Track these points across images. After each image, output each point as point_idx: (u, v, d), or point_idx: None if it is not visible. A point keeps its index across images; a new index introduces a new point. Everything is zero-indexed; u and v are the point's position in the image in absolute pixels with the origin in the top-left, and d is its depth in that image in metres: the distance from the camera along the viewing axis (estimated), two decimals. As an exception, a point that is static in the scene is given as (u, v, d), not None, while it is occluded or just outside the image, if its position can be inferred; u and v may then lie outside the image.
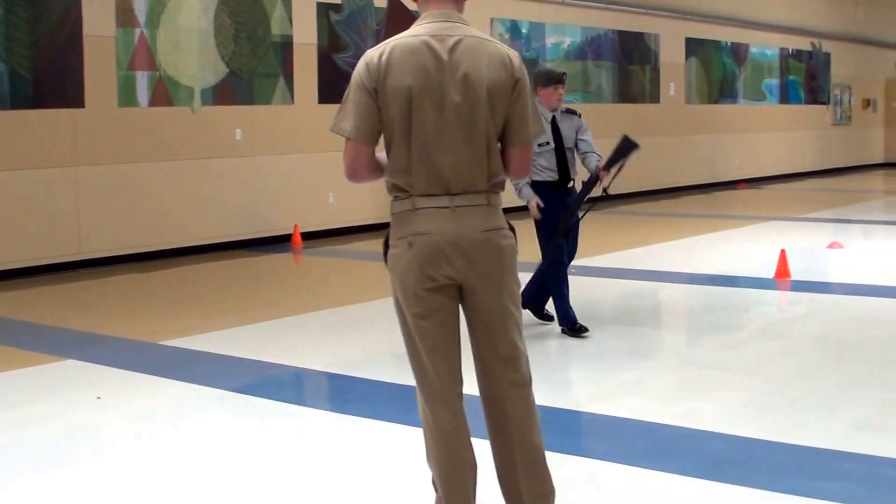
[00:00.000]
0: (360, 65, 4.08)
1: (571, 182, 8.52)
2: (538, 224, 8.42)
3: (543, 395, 6.53)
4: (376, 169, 4.15)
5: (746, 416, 6.29)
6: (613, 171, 8.26)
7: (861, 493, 4.94)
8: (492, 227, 4.09)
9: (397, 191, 4.11)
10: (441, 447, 4.16)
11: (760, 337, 8.77)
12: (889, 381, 7.10)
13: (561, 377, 7.57)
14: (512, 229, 4.23)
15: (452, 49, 4.03)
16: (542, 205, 8.24)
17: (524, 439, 4.18)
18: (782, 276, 11.08)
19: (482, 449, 4.29)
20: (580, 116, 8.71)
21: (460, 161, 4.03)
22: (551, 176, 8.42)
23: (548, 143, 8.38)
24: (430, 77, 4.00)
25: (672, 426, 6.09)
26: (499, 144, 4.14)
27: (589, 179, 8.38)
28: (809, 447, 5.63)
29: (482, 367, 4.19)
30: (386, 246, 4.19)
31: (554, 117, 8.50)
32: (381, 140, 4.11)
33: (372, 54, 4.07)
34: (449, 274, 4.05)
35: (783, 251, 11.28)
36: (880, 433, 5.90)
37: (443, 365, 4.12)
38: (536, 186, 8.37)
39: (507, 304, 4.15)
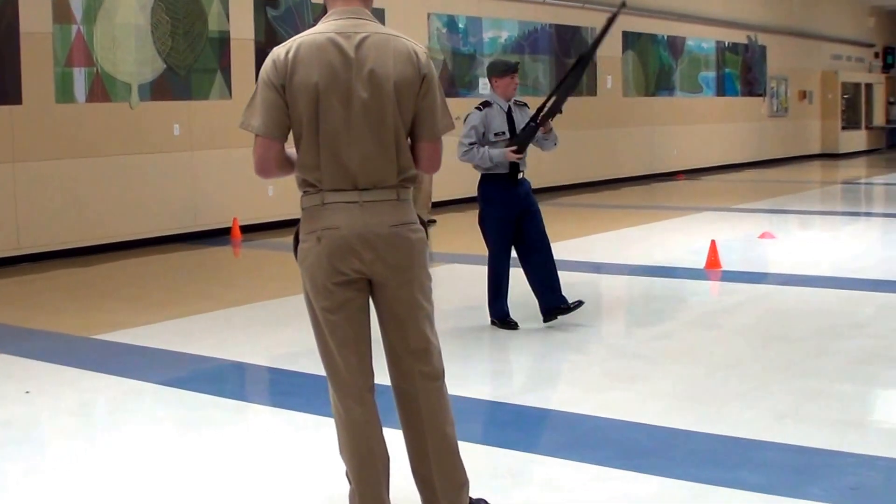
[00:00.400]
0: (268, 62, 4.11)
1: (521, 174, 8.47)
2: (487, 216, 8.51)
3: (471, 387, 6.71)
4: (286, 164, 4.18)
5: (669, 406, 6.37)
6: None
7: (777, 481, 4.99)
8: (400, 222, 4.14)
9: (307, 186, 4.14)
10: (352, 440, 4.19)
11: (688, 327, 8.90)
12: (813, 370, 7.20)
13: (490, 369, 7.62)
14: (422, 223, 4.28)
15: (359, 46, 4.07)
16: (514, 148, 8.21)
17: (436, 431, 4.24)
18: (713, 267, 11.23)
19: (398, 441, 4.34)
20: (527, 106, 8.65)
21: (368, 156, 4.07)
22: (502, 168, 8.38)
23: (503, 134, 8.34)
24: (337, 74, 4.03)
25: (595, 417, 6.16)
26: (409, 140, 4.19)
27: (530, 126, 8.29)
28: (728, 437, 5.69)
29: (393, 359, 4.24)
30: (296, 240, 4.23)
31: (510, 108, 8.45)
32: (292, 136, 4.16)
33: (279, 51, 4.10)
34: (357, 268, 4.09)
35: (713, 242, 11.43)
36: (799, 422, 5.98)
37: (353, 359, 4.16)
38: (488, 180, 8.46)
39: (418, 297, 4.22)
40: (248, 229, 14.91)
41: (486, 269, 8.62)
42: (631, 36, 23.91)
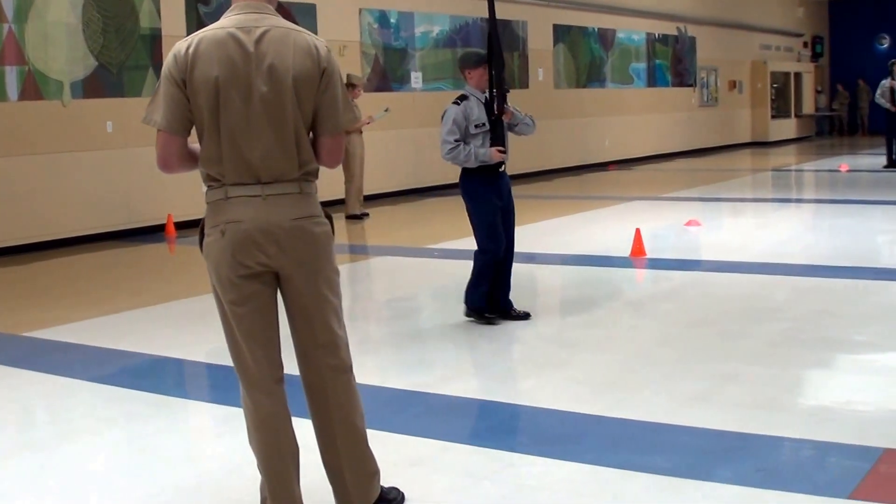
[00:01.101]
0: (170, 57, 4.11)
1: (503, 166, 8.40)
2: (475, 211, 8.35)
3: (388, 377, 6.82)
4: (189, 159, 4.19)
5: (585, 392, 6.46)
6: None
7: (687, 465, 5.06)
8: (304, 215, 4.15)
9: (211, 180, 4.14)
10: (261, 432, 4.23)
11: (609, 315, 9.03)
12: (730, 354, 7.34)
13: (411, 359, 7.58)
14: (328, 217, 4.30)
15: (259, 40, 4.07)
16: (502, 148, 8.21)
17: (345, 423, 4.30)
18: (638, 255, 11.40)
19: (309, 432, 4.41)
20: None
21: (269, 150, 4.08)
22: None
23: (484, 125, 8.24)
24: (237, 68, 4.04)
25: (511, 404, 6.30)
26: (310, 134, 4.20)
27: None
28: (641, 421, 5.79)
29: (301, 353, 4.27)
30: (201, 234, 4.24)
31: (486, 99, 8.30)
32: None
33: (180, 46, 4.11)
34: (262, 261, 4.11)
35: (638, 230, 11.61)
36: (710, 406, 6.08)
37: (260, 352, 4.19)
38: (469, 175, 8.33)
39: (324, 291, 4.23)
40: (182, 226, 14.94)
41: (421, 261, 8.53)
42: (561, 28, 24.12)
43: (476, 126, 8.23)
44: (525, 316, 8.54)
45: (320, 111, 4.18)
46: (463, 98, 8.36)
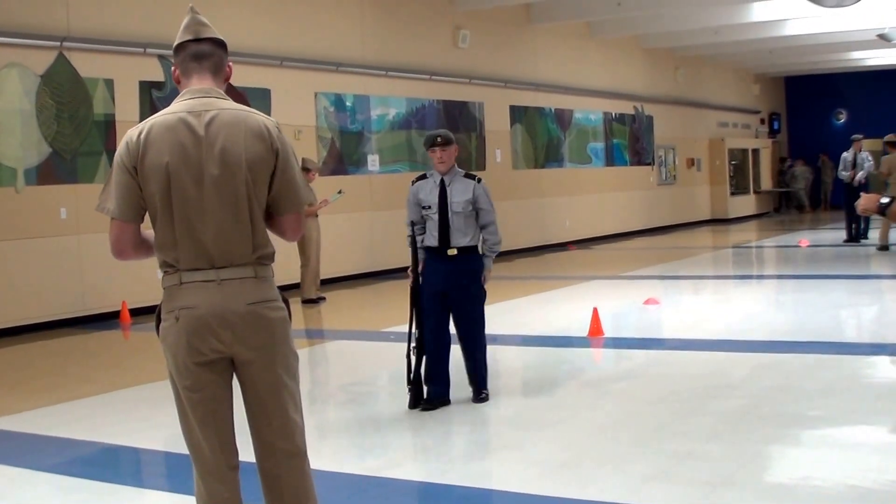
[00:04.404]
0: (122, 145, 4.13)
1: (455, 249, 8.26)
2: (417, 290, 8.26)
3: (342, 462, 6.76)
4: (143, 246, 4.20)
5: (539, 473, 6.42)
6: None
7: None
8: (259, 300, 4.12)
9: (166, 266, 4.13)
10: None
11: (565, 394, 8.99)
12: (688, 432, 7.33)
13: (366, 444, 7.53)
14: (285, 301, 4.26)
15: (209, 123, 4.09)
16: (415, 273, 8.18)
17: None
18: (595, 334, 11.36)
19: None
20: (480, 181, 8.41)
21: (223, 235, 4.06)
22: (432, 242, 8.24)
23: (430, 208, 8.22)
24: (188, 153, 4.05)
25: (467, 487, 6.23)
26: (265, 215, 4.19)
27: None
28: (596, 501, 5.76)
29: (257, 437, 4.22)
30: (158, 319, 4.21)
31: (443, 180, 8.27)
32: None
33: (132, 133, 4.12)
34: (216, 347, 4.08)
35: (595, 310, 11.58)
36: (668, 484, 6.07)
37: (215, 438, 4.15)
38: (425, 251, 8.27)
39: (281, 376, 4.18)
40: (137, 312, 14.79)
41: (378, 344, 8.51)
42: (518, 109, 24.24)
43: (424, 207, 8.25)
44: (444, 403, 8.34)
45: (279, 192, 4.19)
46: (421, 177, 8.45)
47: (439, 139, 8.25)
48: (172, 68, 4.37)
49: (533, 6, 24.27)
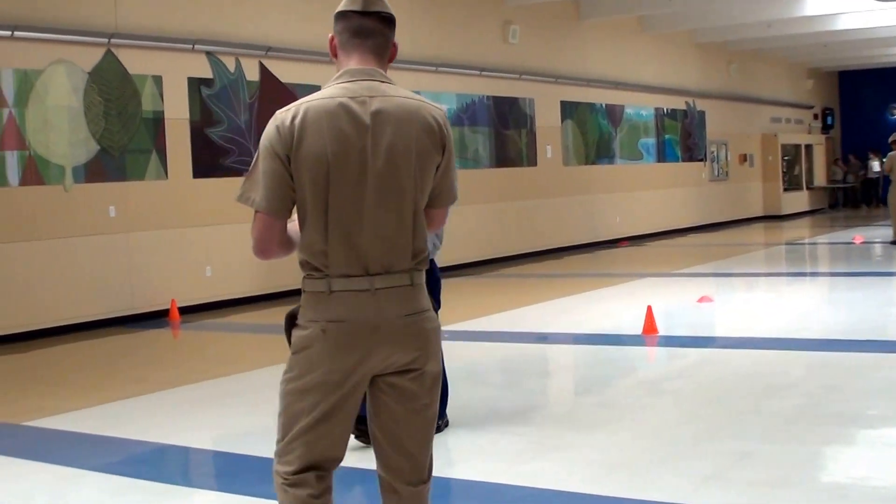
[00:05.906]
0: (270, 128, 3.62)
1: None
2: None
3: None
4: (288, 244, 3.73)
5: (596, 474, 6.34)
6: None
7: None
8: (415, 311, 3.69)
9: (311, 269, 3.65)
10: None
11: (621, 393, 8.88)
12: (744, 431, 7.22)
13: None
14: (435, 309, 3.85)
15: (376, 113, 3.60)
16: None
17: None
18: (650, 332, 11.22)
19: None
20: None
21: (383, 237, 3.62)
22: None
23: None
24: (351, 143, 3.58)
25: (519, 487, 6.13)
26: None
27: None
28: (654, 502, 5.67)
29: (383, 456, 3.81)
30: (292, 323, 3.73)
31: None
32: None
33: (283, 116, 3.62)
34: (366, 363, 3.64)
35: (650, 308, 11.46)
36: (726, 484, 5.98)
37: (327, 438, 3.70)
38: None
39: (432, 396, 3.78)
40: (186, 310, 14.81)
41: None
42: (569, 105, 24.07)
43: None
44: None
45: (439, 186, 3.78)
46: None
47: None
48: (330, 37, 3.86)
49: (582, 1, 24.12)
